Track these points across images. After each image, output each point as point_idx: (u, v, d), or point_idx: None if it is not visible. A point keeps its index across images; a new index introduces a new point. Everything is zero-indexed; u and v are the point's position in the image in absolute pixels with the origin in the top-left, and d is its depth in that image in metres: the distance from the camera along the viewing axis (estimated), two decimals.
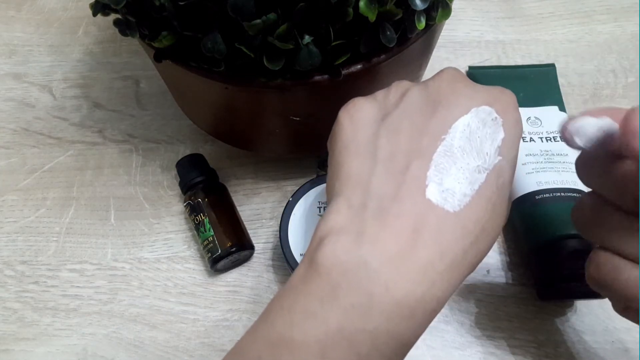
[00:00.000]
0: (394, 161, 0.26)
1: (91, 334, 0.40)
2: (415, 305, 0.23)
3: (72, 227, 0.44)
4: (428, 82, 0.29)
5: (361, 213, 0.25)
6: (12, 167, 0.47)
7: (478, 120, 0.27)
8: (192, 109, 0.43)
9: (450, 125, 0.27)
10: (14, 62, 0.53)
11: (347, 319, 0.23)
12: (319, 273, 0.24)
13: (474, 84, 0.29)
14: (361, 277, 0.23)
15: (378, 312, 0.23)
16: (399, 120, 0.28)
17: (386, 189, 0.26)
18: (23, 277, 0.42)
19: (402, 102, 0.28)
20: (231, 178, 0.45)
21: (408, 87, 0.29)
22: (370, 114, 0.29)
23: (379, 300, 0.23)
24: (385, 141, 0.27)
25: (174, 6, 0.29)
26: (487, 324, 0.39)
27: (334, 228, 0.25)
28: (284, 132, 0.39)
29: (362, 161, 0.27)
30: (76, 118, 0.50)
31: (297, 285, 0.25)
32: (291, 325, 0.24)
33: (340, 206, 0.26)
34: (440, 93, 0.28)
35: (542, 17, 0.53)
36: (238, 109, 0.37)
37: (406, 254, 0.24)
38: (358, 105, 0.29)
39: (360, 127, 0.28)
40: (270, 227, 0.43)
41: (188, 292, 0.41)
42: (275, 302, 0.25)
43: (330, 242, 0.24)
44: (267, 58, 0.30)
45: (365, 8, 0.28)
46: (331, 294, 0.23)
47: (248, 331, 0.26)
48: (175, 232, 0.43)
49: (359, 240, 0.24)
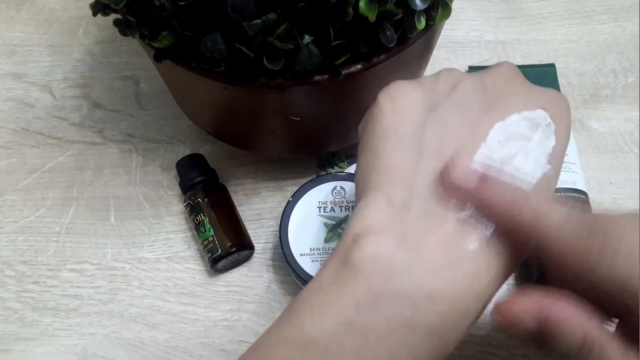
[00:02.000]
0: (441, 159, 0.24)
1: (91, 334, 0.40)
2: (458, 318, 0.22)
3: (72, 227, 0.44)
4: (484, 75, 0.27)
5: (404, 213, 0.23)
6: (12, 167, 0.47)
7: (531, 124, 0.25)
8: (192, 109, 0.43)
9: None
10: (14, 62, 0.53)
11: (388, 330, 0.21)
12: (356, 276, 0.22)
13: (530, 84, 0.27)
14: (405, 284, 0.21)
15: (421, 324, 0.21)
16: (449, 113, 0.25)
17: (432, 188, 0.23)
18: (23, 277, 0.42)
19: (453, 93, 0.26)
20: (231, 178, 0.45)
21: (461, 77, 0.27)
22: (416, 101, 0.26)
23: (422, 311, 0.21)
24: (432, 134, 0.25)
25: (174, 6, 0.29)
26: (487, 324, 0.39)
27: (372, 226, 0.23)
28: (284, 132, 0.39)
29: (405, 154, 0.24)
30: (76, 118, 0.50)
31: (327, 285, 0.23)
32: (324, 331, 0.21)
33: (378, 202, 0.23)
34: (496, 89, 0.26)
35: (542, 17, 0.53)
36: (238, 109, 0.37)
37: (452, 263, 0.22)
38: (402, 89, 0.26)
39: (405, 115, 0.25)
40: (270, 227, 0.43)
41: (188, 292, 0.41)
42: (302, 301, 0.23)
43: (370, 242, 0.22)
44: (267, 58, 0.30)
45: (365, 8, 0.28)
46: (370, 301, 0.21)
47: (271, 330, 0.24)
48: (175, 232, 0.43)
49: (403, 243, 0.22)
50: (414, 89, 0.26)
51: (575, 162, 0.42)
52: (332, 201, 0.39)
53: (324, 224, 0.39)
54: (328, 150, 0.44)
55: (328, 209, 0.39)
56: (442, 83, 0.27)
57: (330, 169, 0.45)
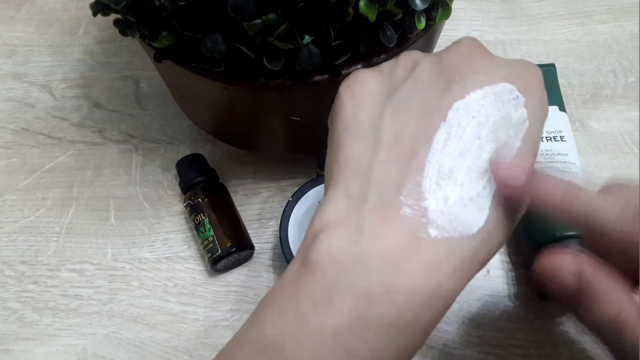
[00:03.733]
0: (399, 146, 0.23)
1: (91, 334, 0.40)
2: (418, 309, 0.21)
3: (72, 227, 0.44)
4: (442, 53, 0.26)
5: (361, 205, 0.22)
6: (12, 167, 0.47)
7: (495, 99, 0.24)
8: (192, 109, 0.43)
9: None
10: (14, 62, 0.53)
11: (343, 325, 0.21)
12: (313, 272, 0.21)
13: (493, 57, 0.26)
14: (359, 277, 0.21)
15: (378, 318, 0.21)
16: (407, 98, 0.24)
17: (389, 177, 0.23)
18: (23, 277, 0.42)
19: (410, 76, 0.25)
20: (231, 178, 0.45)
21: (418, 58, 0.26)
22: (374, 89, 0.25)
23: (378, 303, 0.21)
24: (390, 122, 0.24)
25: (174, 6, 0.29)
26: (487, 324, 0.39)
27: (330, 221, 0.22)
28: (284, 132, 0.39)
29: (363, 145, 0.24)
30: (76, 118, 0.49)
31: (288, 285, 0.22)
32: (282, 330, 0.21)
33: (337, 196, 0.23)
34: (455, 67, 0.25)
35: (542, 17, 0.53)
36: (238, 109, 0.37)
37: (409, 253, 0.21)
38: (361, 78, 0.26)
39: (363, 104, 0.25)
40: (270, 227, 0.43)
41: (188, 292, 0.41)
42: (266, 303, 0.23)
43: (326, 238, 0.22)
44: (267, 58, 0.30)
45: (365, 8, 0.28)
46: (326, 297, 0.21)
47: (236, 334, 0.23)
48: (175, 232, 0.43)
49: (357, 236, 0.22)
50: (372, 76, 0.26)
51: (575, 162, 0.42)
52: None
53: None
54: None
55: None
56: (401, 67, 0.26)
57: None
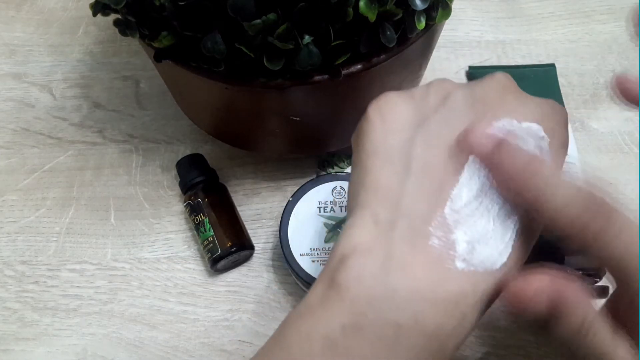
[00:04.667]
0: (428, 176, 0.24)
1: (91, 334, 0.40)
2: (445, 340, 0.22)
3: (72, 227, 0.44)
4: (475, 87, 0.26)
5: (389, 232, 0.23)
6: (12, 167, 0.47)
7: (521, 138, 0.24)
8: (192, 109, 0.43)
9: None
10: (14, 62, 0.53)
11: (372, 353, 0.21)
12: (342, 297, 0.22)
13: (525, 96, 0.26)
14: (389, 307, 0.21)
15: (406, 347, 0.21)
16: (438, 128, 0.25)
17: (418, 207, 0.23)
18: (23, 277, 0.42)
19: (443, 106, 0.25)
20: (231, 178, 0.45)
21: (451, 89, 0.26)
22: (405, 115, 0.26)
23: (407, 333, 0.21)
24: (421, 151, 0.24)
25: (174, 6, 0.29)
26: (488, 324, 0.39)
27: (358, 246, 0.23)
28: (284, 132, 0.39)
29: (393, 171, 0.24)
30: (76, 118, 0.49)
31: (315, 307, 0.23)
32: (310, 353, 0.21)
33: (365, 221, 0.23)
34: (487, 102, 0.25)
35: (542, 17, 0.53)
36: (238, 109, 0.37)
37: (437, 284, 0.22)
38: (392, 102, 0.26)
39: (394, 129, 0.25)
40: (270, 227, 0.43)
41: (188, 292, 0.41)
42: (291, 323, 0.23)
43: (355, 264, 0.22)
44: (267, 58, 0.30)
45: (365, 8, 0.28)
46: (355, 324, 0.21)
47: (260, 353, 0.23)
48: (175, 232, 0.43)
49: (387, 264, 0.22)
50: (403, 102, 0.26)
51: (575, 162, 0.42)
52: (332, 201, 0.39)
53: (324, 224, 0.39)
54: (328, 150, 0.44)
55: (328, 209, 0.39)
56: (433, 96, 0.26)
57: (330, 169, 0.45)
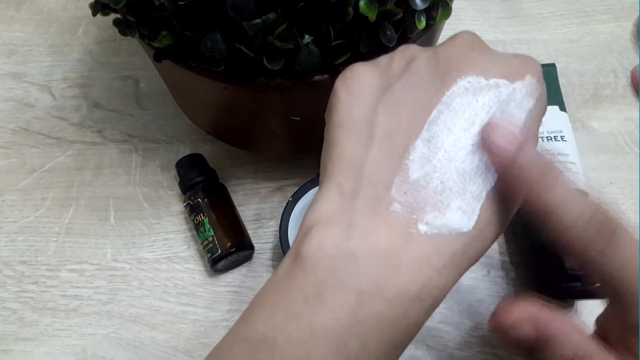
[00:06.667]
0: (391, 142, 0.23)
1: (91, 334, 0.40)
2: (408, 305, 0.21)
3: (72, 227, 0.44)
4: (438, 48, 0.25)
5: (352, 201, 0.23)
6: (11, 167, 0.47)
7: (491, 96, 0.24)
8: (192, 109, 0.43)
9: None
10: (13, 62, 0.53)
11: (334, 320, 0.21)
12: (304, 268, 0.22)
13: (491, 52, 0.25)
14: (350, 273, 0.21)
15: (368, 313, 0.21)
16: (401, 94, 0.24)
17: (381, 174, 0.23)
18: (23, 277, 0.42)
19: (406, 72, 0.25)
20: (231, 178, 0.45)
21: (415, 54, 0.26)
22: (370, 84, 0.25)
23: (369, 299, 0.21)
24: (384, 118, 0.24)
25: (174, 6, 0.29)
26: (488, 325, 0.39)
27: (322, 217, 0.23)
28: (284, 132, 0.39)
29: (357, 141, 0.24)
30: (76, 118, 0.49)
31: (280, 281, 0.23)
32: (273, 326, 0.21)
33: (330, 192, 0.23)
34: (451, 62, 0.24)
35: (543, 17, 0.53)
36: (238, 109, 0.37)
37: (399, 249, 0.22)
38: (356, 73, 0.26)
39: (358, 99, 0.25)
40: (270, 227, 0.43)
41: (188, 292, 0.41)
42: (258, 300, 0.23)
43: (317, 234, 0.22)
44: (267, 58, 0.30)
45: (365, 8, 0.28)
46: (317, 293, 0.21)
47: (229, 330, 0.24)
48: (175, 232, 0.43)
49: (348, 232, 0.22)
50: (368, 70, 0.26)
51: (576, 162, 0.42)
52: None
53: None
54: None
55: None
56: (397, 62, 0.26)
57: None
